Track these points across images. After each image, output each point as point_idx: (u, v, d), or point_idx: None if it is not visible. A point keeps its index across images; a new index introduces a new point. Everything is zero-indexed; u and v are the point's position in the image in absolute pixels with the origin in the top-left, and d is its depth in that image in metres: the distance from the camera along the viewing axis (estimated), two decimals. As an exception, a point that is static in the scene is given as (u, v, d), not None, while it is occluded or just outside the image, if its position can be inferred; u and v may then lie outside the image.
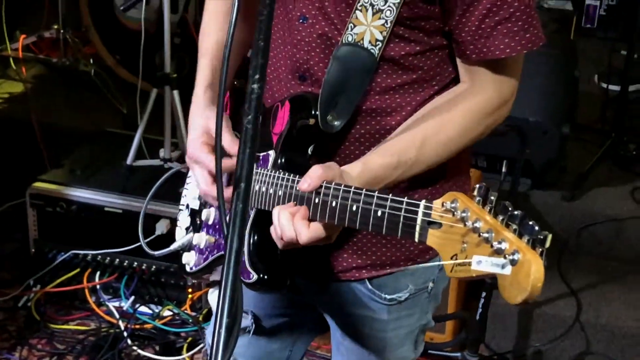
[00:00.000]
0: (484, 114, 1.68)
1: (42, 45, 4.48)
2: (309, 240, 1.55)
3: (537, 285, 1.18)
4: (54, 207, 3.41)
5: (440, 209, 1.34)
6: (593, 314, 3.30)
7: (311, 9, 1.69)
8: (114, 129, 3.88)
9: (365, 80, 1.67)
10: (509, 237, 1.21)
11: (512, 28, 1.61)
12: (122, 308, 3.39)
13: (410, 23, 1.64)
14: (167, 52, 3.51)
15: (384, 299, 1.86)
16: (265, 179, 1.67)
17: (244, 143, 1.28)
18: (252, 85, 1.31)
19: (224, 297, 1.18)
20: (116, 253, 3.36)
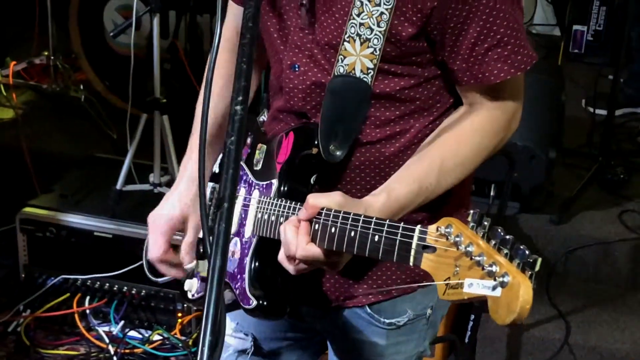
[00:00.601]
0: (493, 132, 1.70)
1: (32, 72, 4.49)
2: (304, 257, 1.55)
3: (525, 307, 1.20)
4: (44, 232, 3.42)
5: (435, 233, 1.36)
6: (582, 337, 3.29)
7: (301, 57, 1.71)
8: (103, 154, 3.90)
9: (361, 108, 1.68)
10: (499, 261, 1.23)
11: (503, 53, 1.63)
12: (111, 333, 3.39)
13: (402, 60, 1.65)
14: (157, 78, 3.53)
15: (382, 323, 1.86)
16: (268, 207, 1.69)
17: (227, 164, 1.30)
18: (235, 107, 1.33)
19: (207, 315, 1.20)
20: (106, 278, 3.37)
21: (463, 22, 1.59)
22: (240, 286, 1.71)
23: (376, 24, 1.61)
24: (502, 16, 1.60)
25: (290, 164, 1.71)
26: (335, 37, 1.65)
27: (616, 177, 3.81)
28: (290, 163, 1.71)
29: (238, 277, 1.73)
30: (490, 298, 1.24)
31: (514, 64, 1.63)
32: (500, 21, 1.60)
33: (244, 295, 1.70)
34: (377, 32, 1.61)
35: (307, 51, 1.70)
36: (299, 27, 1.70)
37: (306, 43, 1.70)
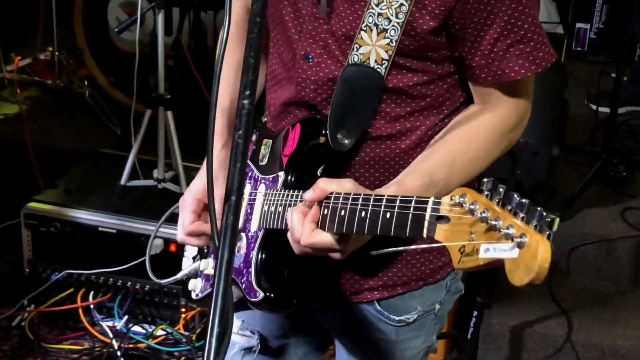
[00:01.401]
0: (504, 131, 1.70)
1: (36, 68, 4.49)
2: (310, 244, 1.55)
3: (544, 266, 1.19)
4: (48, 227, 3.43)
5: (448, 202, 1.35)
6: (584, 334, 3.30)
7: (315, 47, 1.70)
8: (107, 150, 3.90)
9: (373, 98, 1.68)
10: (516, 223, 1.22)
11: (525, 49, 1.62)
12: (115, 327, 3.40)
13: (419, 54, 1.65)
14: (161, 74, 3.53)
15: (392, 320, 1.86)
16: (274, 199, 1.69)
17: (234, 157, 1.31)
18: (243, 101, 1.34)
19: (215, 306, 1.20)
20: (110, 273, 3.38)
21: (487, 16, 1.59)
22: (247, 280, 1.70)
23: (394, 15, 1.60)
24: (527, 11, 1.60)
25: (298, 154, 1.71)
26: (352, 28, 1.65)
27: (619, 174, 3.82)
28: (298, 153, 1.71)
29: (244, 271, 1.72)
30: (507, 260, 1.23)
31: (535, 60, 1.63)
32: (525, 16, 1.60)
33: (251, 288, 1.69)
34: (394, 23, 1.61)
35: (321, 42, 1.69)
36: (314, 16, 1.69)
37: (321, 33, 1.69)
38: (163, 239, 3.23)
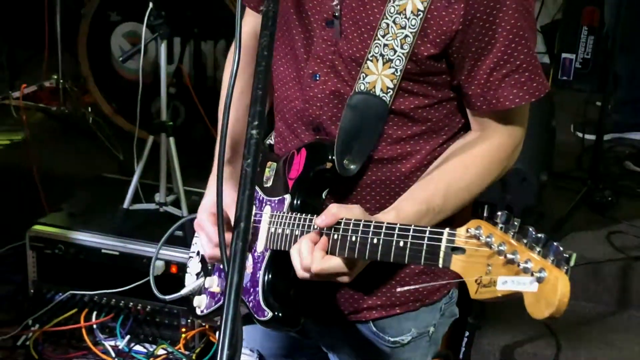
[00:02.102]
0: (499, 159, 1.71)
1: (42, 95, 4.51)
2: (320, 270, 1.56)
3: (563, 301, 1.21)
4: (53, 249, 3.42)
5: (464, 235, 1.36)
6: (572, 353, 3.31)
7: (322, 67, 1.72)
8: (110, 175, 3.90)
9: (378, 126, 1.69)
10: (534, 257, 1.24)
11: (520, 79, 1.63)
12: (117, 347, 3.38)
13: (419, 78, 1.66)
14: (164, 101, 3.54)
15: (387, 341, 1.86)
16: (281, 221, 1.70)
17: (243, 185, 1.32)
18: (251, 131, 1.35)
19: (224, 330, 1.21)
20: (112, 294, 3.37)
21: (484, 47, 1.61)
22: (254, 299, 1.71)
23: (400, 46, 1.63)
24: (524, 43, 1.62)
25: (304, 178, 1.72)
26: (358, 51, 1.67)
27: (604, 199, 3.83)
28: (304, 177, 1.72)
29: (251, 290, 1.73)
30: (527, 294, 1.24)
31: (529, 90, 1.65)
32: (522, 47, 1.62)
33: (259, 308, 1.70)
34: (399, 54, 1.63)
35: (328, 62, 1.71)
36: (322, 38, 1.71)
37: (328, 54, 1.71)
38: (164, 260, 3.23)
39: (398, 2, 1.62)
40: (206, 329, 3.35)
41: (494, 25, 1.59)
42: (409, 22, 1.62)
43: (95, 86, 4.23)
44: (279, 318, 1.68)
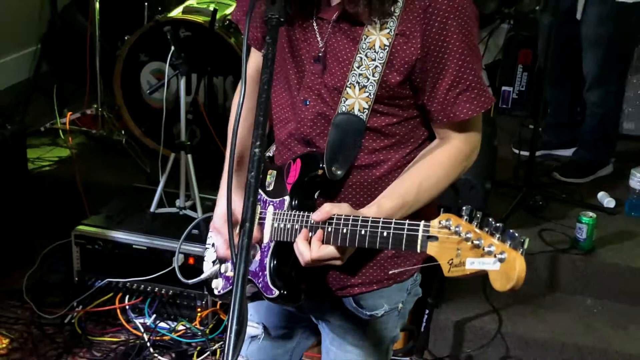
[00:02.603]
0: (459, 160, 1.72)
1: (84, 120, 4.48)
2: (318, 257, 1.59)
3: (521, 276, 1.24)
4: (93, 245, 3.42)
5: (437, 225, 1.38)
6: (511, 327, 3.32)
7: (312, 94, 1.73)
8: (140, 185, 3.88)
9: (358, 138, 1.70)
10: (495, 242, 1.26)
11: (470, 95, 1.65)
12: (146, 324, 3.38)
13: (389, 102, 1.68)
14: (183, 125, 3.53)
15: (365, 314, 1.87)
16: (282, 217, 1.70)
17: (248, 193, 1.32)
18: (254, 149, 1.36)
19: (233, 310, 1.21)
20: (142, 281, 3.36)
21: (439, 72, 1.63)
22: (263, 281, 1.71)
23: (372, 75, 1.64)
24: (470, 67, 1.64)
25: (300, 182, 1.72)
26: (340, 81, 1.68)
27: (536, 203, 3.84)
28: (300, 182, 1.72)
29: (260, 274, 1.73)
30: (491, 272, 1.26)
31: (478, 104, 1.66)
32: (469, 70, 1.63)
33: (267, 288, 1.70)
34: (372, 81, 1.65)
35: (316, 91, 1.72)
36: (311, 72, 1.73)
37: (316, 85, 1.72)
38: (184, 254, 3.22)
39: (368, 39, 1.64)
40: (217, 309, 3.34)
41: (446, 54, 1.62)
42: (377, 55, 1.64)
43: (127, 113, 4.22)
44: (284, 295, 1.69)
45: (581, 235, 3.53)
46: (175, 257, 2.27)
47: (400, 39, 1.63)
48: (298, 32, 1.74)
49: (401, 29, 1.62)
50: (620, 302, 3.47)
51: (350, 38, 1.68)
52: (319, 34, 1.71)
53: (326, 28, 1.70)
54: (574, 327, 3.33)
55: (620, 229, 3.73)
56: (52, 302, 3.53)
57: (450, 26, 1.60)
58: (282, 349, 2.05)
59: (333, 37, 1.70)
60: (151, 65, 4.13)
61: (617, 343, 3.26)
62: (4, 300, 3.56)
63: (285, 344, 2.05)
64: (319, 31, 1.71)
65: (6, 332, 3.37)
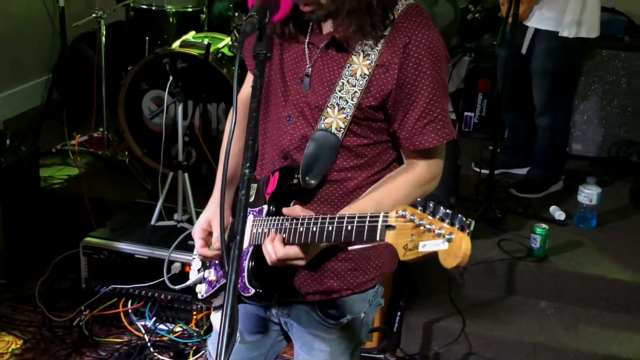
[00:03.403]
0: (418, 184, 1.71)
1: (91, 142, 4.47)
2: (283, 256, 1.58)
3: (467, 254, 1.22)
4: (99, 255, 3.39)
5: (394, 215, 1.37)
6: (474, 327, 3.32)
7: (295, 111, 1.73)
8: (141, 200, 3.86)
9: (332, 154, 1.70)
10: (445, 226, 1.26)
11: (436, 127, 1.66)
12: (147, 326, 3.35)
13: (363, 122, 1.68)
14: (180, 147, 3.53)
15: (330, 323, 1.85)
16: (261, 224, 1.69)
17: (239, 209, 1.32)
18: (244, 170, 1.36)
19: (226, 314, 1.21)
20: (143, 287, 3.34)
21: (411, 103, 1.64)
22: (241, 281, 1.70)
23: (350, 99, 1.65)
24: (439, 101, 1.65)
25: (277, 191, 1.71)
26: (321, 101, 1.69)
27: (495, 216, 3.85)
28: (277, 191, 1.71)
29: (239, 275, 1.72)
30: (440, 251, 1.25)
31: (442, 134, 1.67)
32: (437, 104, 1.65)
33: (244, 287, 1.68)
34: (350, 104, 1.65)
35: (300, 108, 1.72)
36: (296, 91, 1.73)
37: (300, 103, 1.72)
38: (181, 262, 3.21)
39: (351, 67, 1.66)
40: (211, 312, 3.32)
41: (418, 88, 1.63)
42: (358, 82, 1.65)
43: (130, 136, 4.21)
44: (260, 294, 1.66)
45: (535, 244, 3.55)
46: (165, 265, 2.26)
47: (380, 69, 1.64)
48: (289, 53, 1.75)
49: (381, 61, 1.64)
50: (570, 304, 3.48)
51: (335, 63, 1.69)
52: (308, 57, 1.72)
53: (315, 52, 1.71)
54: (529, 327, 3.34)
55: (570, 239, 3.75)
56: (62, 307, 3.50)
57: (425, 63, 1.62)
58: (257, 352, 2.02)
59: (320, 61, 1.70)
60: (151, 93, 4.12)
61: (568, 341, 3.27)
62: (19, 305, 3.53)
63: (259, 347, 2.02)
64: (308, 55, 1.72)
65: (20, 333, 3.33)
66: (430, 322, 3.33)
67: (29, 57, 5.21)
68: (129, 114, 4.18)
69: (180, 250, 3.12)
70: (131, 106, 4.16)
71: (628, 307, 3.45)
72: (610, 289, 3.46)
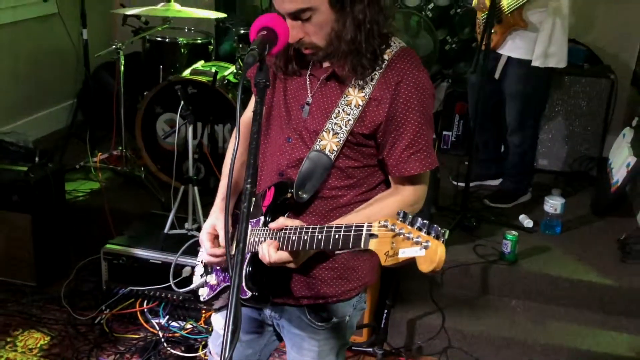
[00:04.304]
0: (403, 206, 1.70)
1: (111, 159, 4.48)
2: (276, 259, 1.57)
3: (441, 259, 1.22)
4: (118, 260, 3.39)
5: (377, 225, 1.37)
6: (452, 323, 3.31)
7: (294, 134, 1.73)
8: (156, 211, 3.86)
9: (324, 173, 1.70)
10: (422, 235, 1.25)
11: (420, 156, 1.66)
12: (161, 323, 3.34)
13: (354, 147, 1.68)
14: (190, 163, 3.53)
15: (317, 325, 1.85)
16: (258, 234, 1.69)
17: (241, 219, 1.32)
18: (246, 185, 1.36)
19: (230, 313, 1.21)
20: (157, 288, 3.33)
21: (399, 135, 1.65)
22: None
23: (344, 125, 1.65)
24: (424, 134, 1.65)
25: (273, 204, 1.71)
26: (319, 126, 1.69)
27: (471, 224, 3.86)
28: (273, 204, 1.71)
29: None
30: (417, 257, 1.25)
31: (426, 164, 1.67)
32: (423, 136, 1.65)
33: (242, 290, 1.67)
34: (344, 130, 1.66)
35: (298, 131, 1.72)
36: (296, 116, 1.73)
37: (299, 127, 1.72)
38: (191, 266, 3.20)
39: (347, 98, 1.66)
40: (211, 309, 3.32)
41: (405, 122, 1.63)
42: (352, 111, 1.65)
43: (146, 153, 4.21)
44: (256, 297, 1.66)
45: (506, 249, 3.56)
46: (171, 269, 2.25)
47: (373, 102, 1.64)
48: (293, 83, 1.76)
49: (375, 95, 1.64)
50: (538, 302, 3.49)
51: (333, 94, 1.70)
52: (309, 87, 1.72)
53: (315, 83, 1.72)
54: (502, 323, 3.34)
55: (537, 244, 3.75)
56: (85, 306, 3.49)
57: (414, 100, 1.63)
58: (252, 350, 2.01)
59: (319, 92, 1.71)
60: (165, 115, 4.13)
61: (536, 335, 3.27)
62: (46, 305, 3.52)
63: (254, 346, 2.01)
64: (309, 85, 1.73)
65: (48, 331, 3.32)
66: (414, 318, 3.32)
67: (56, 83, 5.22)
68: (145, 134, 4.18)
69: (190, 256, 3.12)
70: (147, 127, 4.16)
71: (590, 305, 3.45)
72: (573, 289, 3.47)
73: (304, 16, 1.59)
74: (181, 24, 4.71)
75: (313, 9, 1.58)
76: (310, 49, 1.65)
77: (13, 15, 4.77)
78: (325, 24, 1.60)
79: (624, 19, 4.92)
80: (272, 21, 1.55)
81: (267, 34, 1.53)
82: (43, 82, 5.10)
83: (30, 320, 3.39)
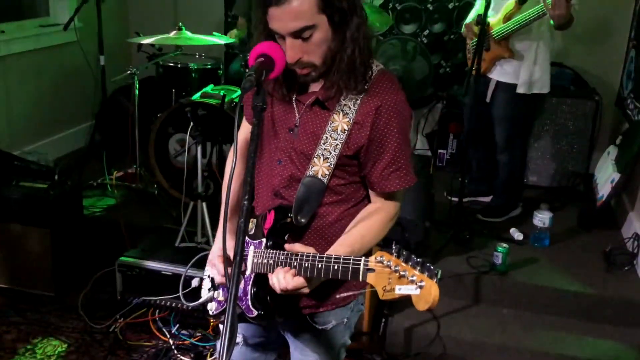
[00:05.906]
0: (388, 221, 1.74)
1: (126, 177, 4.50)
2: (294, 287, 1.57)
3: (435, 299, 1.25)
4: (132, 271, 3.39)
5: (374, 260, 1.38)
6: (447, 331, 3.31)
7: (284, 156, 1.75)
8: (168, 225, 3.87)
9: (319, 196, 1.71)
10: (417, 274, 1.27)
11: (400, 174, 1.68)
12: (171, 331, 3.34)
13: (341, 167, 1.70)
14: (200, 180, 3.54)
15: (318, 328, 1.86)
16: (260, 255, 1.69)
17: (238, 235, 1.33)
18: (244, 202, 1.37)
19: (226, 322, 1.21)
20: (168, 299, 3.33)
21: (379, 154, 1.67)
22: (245, 304, 1.70)
23: (333, 150, 1.67)
24: (403, 154, 1.67)
25: (274, 228, 1.72)
26: (306, 148, 1.70)
27: (464, 237, 3.86)
28: (274, 227, 1.72)
29: (243, 298, 1.72)
30: (413, 296, 1.27)
31: (405, 181, 1.69)
32: (401, 156, 1.67)
33: (248, 309, 1.68)
34: (333, 154, 1.67)
35: (288, 153, 1.73)
36: (285, 138, 1.74)
37: (288, 149, 1.73)
38: (200, 277, 3.20)
39: (333, 124, 1.68)
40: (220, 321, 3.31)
41: (386, 143, 1.65)
42: (339, 136, 1.66)
43: (158, 171, 4.22)
44: (262, 315, 1.67)
45: (498, 260, 3.55)
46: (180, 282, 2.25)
47: (356, 126, 1.66)
48: (280, 107, 1.77)
49: (357, 119, 1.66)
50: (528, 310, 3.47)
51: (319, 119, 1.71)
52: (297, 111, 1.74)
53: (302, 108, 1.73)
54: (493, 330, 3.33)
55: (527, 256, 3.75)
56: (100, 315, 3.48)
57: (393, 122, 1.65)
58: (258, 354, 2.02)
59: (306, 116, 1.73)
60: (176, 136, 4.15)
61: (526, 342, 3.25)
62: (64, 314, 3.52)
63: (259, 350, 2.02)
64: (296, 109, 1.74)
65: (65, 338, 3.32)
66: (410, 327, 3.31)
67: (75, 106, 5.27)
68: (157, 153, 4.20)
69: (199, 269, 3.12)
70: (160, 147, 4.19)
71: (577, 313, 3.43)
72: (561, 298, 3.46)
73: (306, 35, 1.58)
74: (192, 50, 4.74)
75: (315, 27, 1.58)
76: (307, 68, 1.65)
77: (36, 42, 4.84)
78: (324, 41, 1.61)
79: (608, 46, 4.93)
80: (269, 49, 1.56)
81: (265, 60, 1.54)
82: (63, 105, 5.14)
83: (48, 328, 3.40)
